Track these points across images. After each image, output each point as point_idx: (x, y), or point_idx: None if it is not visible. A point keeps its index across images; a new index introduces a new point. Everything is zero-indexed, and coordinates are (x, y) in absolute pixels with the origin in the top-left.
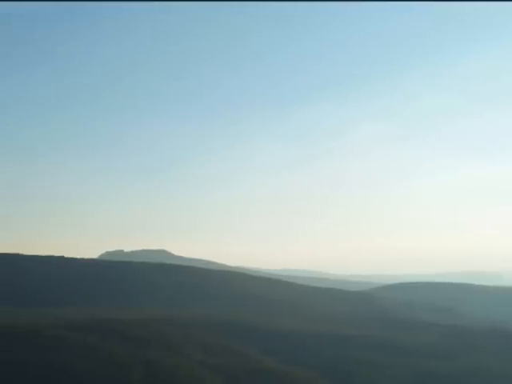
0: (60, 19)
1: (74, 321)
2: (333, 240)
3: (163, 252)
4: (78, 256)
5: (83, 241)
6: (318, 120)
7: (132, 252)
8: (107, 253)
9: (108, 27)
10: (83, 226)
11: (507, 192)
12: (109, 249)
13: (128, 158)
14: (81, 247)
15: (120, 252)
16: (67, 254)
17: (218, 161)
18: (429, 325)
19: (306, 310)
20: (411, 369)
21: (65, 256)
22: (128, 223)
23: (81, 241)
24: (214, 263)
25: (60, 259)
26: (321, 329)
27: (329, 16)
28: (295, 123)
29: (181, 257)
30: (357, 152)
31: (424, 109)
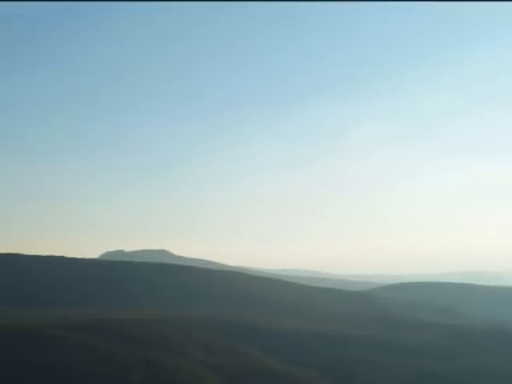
0: (60, 19)
1: (75, 321)
2: (333, 240)
3: (164, 252)
4: (79, 256)
5: (84, 241)
6: (319, 120)
7: (132, 252)
8: (108, 253)
9: (108, 27)
10: (84, 226)
11: (508, 192)
12: (109, 249)
13: (128, 158)
14: (81, 247)
15: (120, 252)
16: (68, 254)
17: (219, 161)
18: (429, 325)
19: (307, 310)
20: (412, 369)
21: (65, 256)
22: (128, 223)
23: (81, 241)
24: (215, 263)
25: (60, 259)
26: (321, 329)
27: (329, 16)
28: (295, 123)
29: (181, 257)
30: (357, 152)
31: (424, 109)
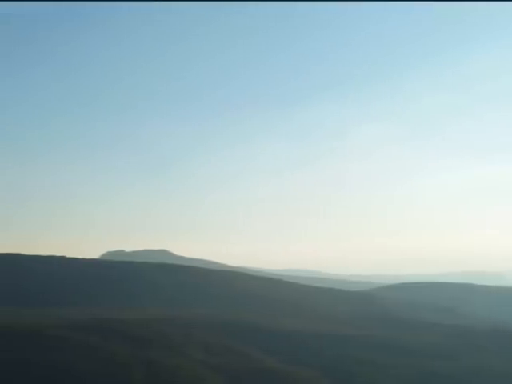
0: (60, 19)
1: (77, 321)
2: (335, 240)
3: (164, 252)
4: (80, 256)
5: (85, 241)
6: (320, 120)
7: (133, 252)
8: (108, 253)
9: (108, 27)
10: (84, 226)
11: (508, 192)
12: (110, 249)
13: (129, 158)
14: (82, 247)
15: (121, 252)
16: (69, 254)
17: (220, 160)
18: (431, 325)
19: (308, 310)
20: (414, 369)
21: (66, 256)
22: (129, 223)
23: (82, 241)
24: (216, 263)
25: (62, 259)
26: (323, 329)
27: (330, 16)
28: (297, 123)
29: (182, 257)
30: (359, 152)
31: (425, 109)
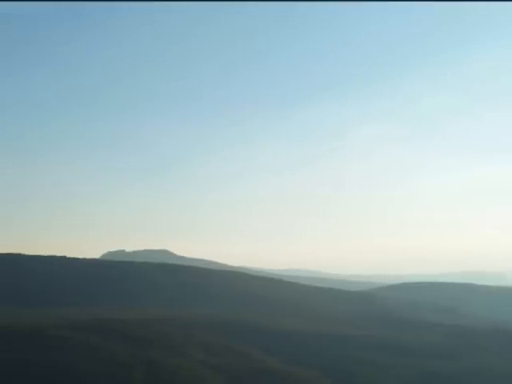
0: (60, 19)
1: (77, 321)
2: (335, 240)
3: (165, 252)
4: (80, 256)
5: (85, 241)
6: (321, 120)
7: (134, 252)
8: (109, 253)
9: (108, 27)
10: (85, 226)
11: (508, 192)
12: (111, 249)
13: (129, 158)
14: (83, 247)
15: (122, 252)
16: (69, 254)
17: (220, 160)
18: (432, 325)
19: (309, 310)
20: (415, 369)
21: (67, 256)
22: (130, 223)
23: (83, 241)
24: (216, 263)
25: (62, 259)
26: (323, 329)
27: (330, 16)
28: (297, 123)
29: (183, 257)
30: (359, 152)
31: (425, 109)
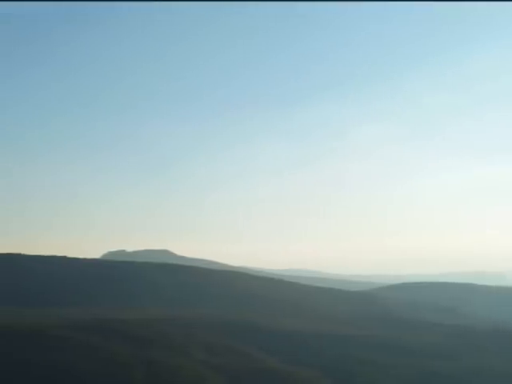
0: (60, 19)
1: (77, 321)
2: (335, 240)
3: (165, 252)
4: (81, 256)
5: (86, 241)
6: (321, 120)
7: (134, 252)
8: (109, 253)
9: (108, 27)
10: (85, 226)
11: (508, 192)
12: (111, 249)
13: (129, 158)
14: (83, 247)
15: (122, 252)
16: (70, 254)
17: (220, 160)
18: (432, 325)
19: (309, 310)
20: (415, 369)
21: (67, 256)
22: (130, 223)
23: (83, 241)
24: (217, 263)
25: (63, 259)
26: (324, 329)
27: (330, 16)
28: (297, 123)
29: (183, 257)
30: (359, 152)
31: (426, 109)
